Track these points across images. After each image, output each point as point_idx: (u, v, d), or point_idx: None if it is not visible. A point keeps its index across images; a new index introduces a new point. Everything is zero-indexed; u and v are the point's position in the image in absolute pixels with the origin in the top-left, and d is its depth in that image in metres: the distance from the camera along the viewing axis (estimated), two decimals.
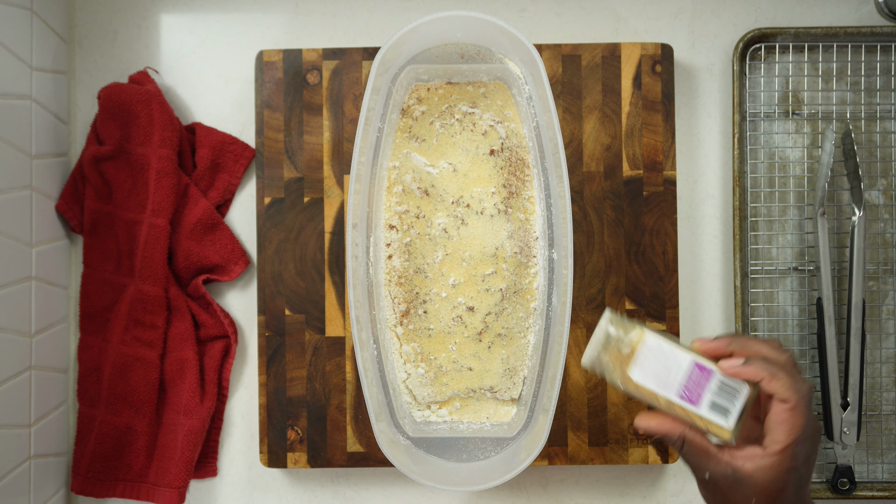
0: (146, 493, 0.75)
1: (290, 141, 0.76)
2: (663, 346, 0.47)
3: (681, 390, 0.47)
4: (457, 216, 0.73)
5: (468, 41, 0.71)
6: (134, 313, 0.75)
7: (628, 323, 0.49)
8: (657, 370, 0.47)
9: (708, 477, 0.49)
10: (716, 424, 0.47)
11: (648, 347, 0.47)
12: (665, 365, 0.47)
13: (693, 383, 0.47)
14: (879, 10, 0.77)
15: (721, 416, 0.47)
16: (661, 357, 0.47)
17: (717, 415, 0.47)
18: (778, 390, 0.46)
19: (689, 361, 0.47)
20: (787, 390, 0.46)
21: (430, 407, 0.74)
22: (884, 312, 0.77)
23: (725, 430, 0.47)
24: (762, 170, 0.77)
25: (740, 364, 0.47)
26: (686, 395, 0.47)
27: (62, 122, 0.77)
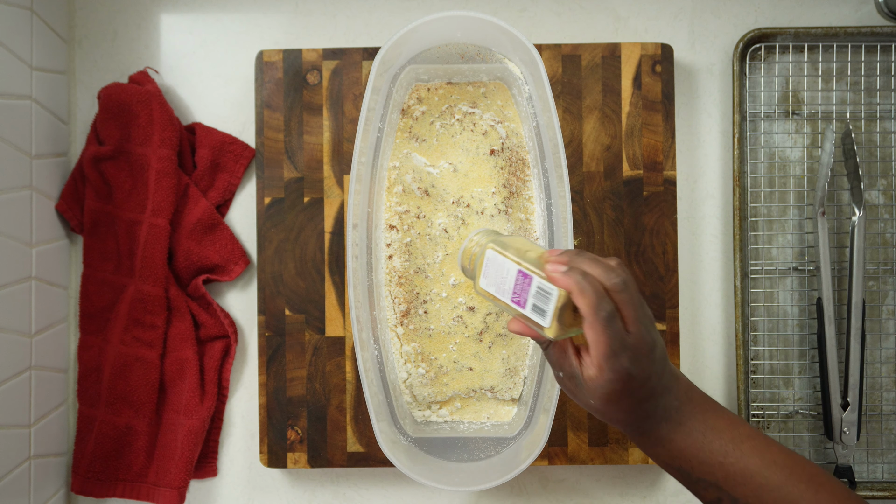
0: (146, 493, 0.75)
1: (290, 141, 0.76)
2: (498, 258, 0.53)
3: (512, 294, 0.52)
4: (457, 216, 0.73)
5: (468, 41, 0.71)
6: (134, 313, 0.75)
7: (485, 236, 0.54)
8: (496, 279, 0.53)
9: (561, 376, 0.53)
10: (537, 323, 0.52)
11: (488, 259, 0.53)
12: (500, 274, 0.52)
13: (520, 288, 0.52)
14: (879, 10, 0.77)
15: (540, 316, 0.51)
16: (497, 267, 0.52)
17: (537, 315, 0.51)
18: (580, 306, 0.49)
19: (515, 270, 0.52)
20: (586, 307, 0.49)
21: (431, 407, 0.74)
22: (884, 312, 0.77)
23: (544, 328, 0.51)
24: (762, 170, 0.77)
25: (558, 271, 0.51)
26: (516, 299, 0.52)
27: (62, 122, 0.77)
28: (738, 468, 0.51)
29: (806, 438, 0.77)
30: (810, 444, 0.77)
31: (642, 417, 0.52)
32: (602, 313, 0.49)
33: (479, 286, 0.54)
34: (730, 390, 0.78)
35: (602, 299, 0.49)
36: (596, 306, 0.49)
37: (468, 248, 0.56)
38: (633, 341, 0.50)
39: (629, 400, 0.51)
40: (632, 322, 0.50)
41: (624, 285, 0.50)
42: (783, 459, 0.52)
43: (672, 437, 0.53)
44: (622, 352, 0.49)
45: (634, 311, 0.50)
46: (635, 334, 0.50)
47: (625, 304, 0.50)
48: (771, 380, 0.77)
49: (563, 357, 0.53)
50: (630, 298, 0.50)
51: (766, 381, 0.77)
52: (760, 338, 0.77)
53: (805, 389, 0.77)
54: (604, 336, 0.49)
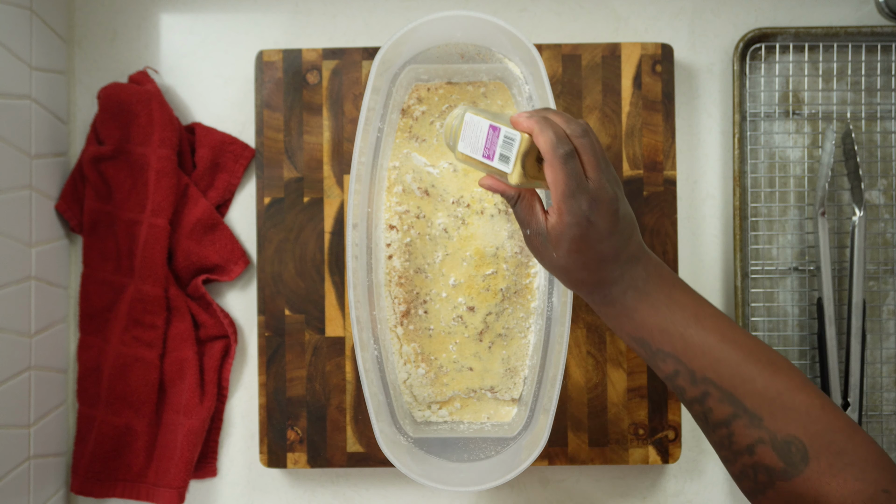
0: (146, 493, 0.75)
1: (290, 141, 0.76)
2: (473, 119, 0.55)
3: (483, 150, 0.54)
4: (457, 216, 0.73)
5: (468, 41, 0.71)
6: (134, 313, 0.75)
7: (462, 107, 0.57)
8: (471, 139, 0.55)
9: (528, 233, 0.55)
10: (501, 171, 0.54)
11: (466, 122, 0.55)
12: (475, 133, 0.55)
13: (489, 142, 0.54)
14: (880, 10, 0.77)
15: (504, 164, 0.53)
16: (473, 128, 0.55)
17: (502, 163, 0.53)
18: (540, 145, 0.51)
19: (487, 125, 0.54)
20: (545, 145, 0.51)
21: (431, 407, 0.74)
22: (884, 312, 0.77)
23: (507, 174, 0.53)
24: (762, 170, 0.77)
25: (522, 116, 0.53)
26: (486, 153, 0.54)
27: (62, 122, 0.77)
28: (697, 341, 0.52)
29: None
30: None
31: (608, 282, 0.53)
32: (560, 151, 0.50)
33: (458, 151, 0.56)
34: None
35: (561, 139, 0.51)
36: (554, 144, 0.50)
37: (449, 122, 0.58)
38: (593, 186, 0.51)
39: (590, 253, 0.52)
40: (591, 168, 0.52)
41: (583, 131, 0.52)
42: (744, 340, 0.52)
43: (636, 307, 0.53)
44: (580, 193, 0.51)
45: (594, 158, 0.52)
46: (595, 180, 0.51)
47: (584, 150, 0.52)
48: None
49: (530, 213, 0.54)
50: (590, 145, 0.52)
51: None
52: (761, 338, 0.77)
53: None
54: (561, 173, 0.50)
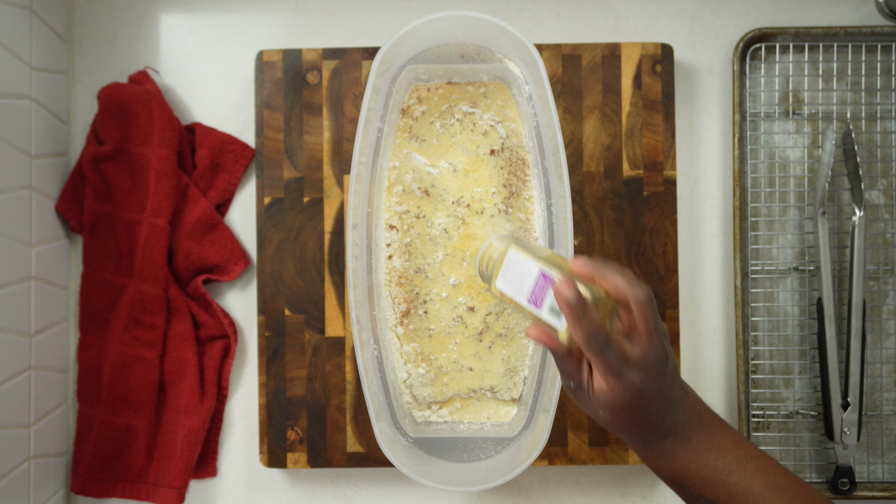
0: (146, 493, 0.75)
1: (290, 141, 0.76)
2: (520, 258, 0.53)
3: (529, 295, 0.52)
4: (457, 216, 0.73)
5: (468, 41, 0.71)
6: (134, 313, 0.75)
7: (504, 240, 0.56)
8: (514, 279, 0.53)
9: (572, 385, 0.54)
10: (551, 325, 0.52)
11: (509, 259, 0.53)
12: (520, 274, 0.53)
13: (538, 289, 0.52)
14: (879, 10, 0.77)
15: (555, 318, 0.52)
16: (518, 267, 0.53)
17: (553, 317, 0.52)
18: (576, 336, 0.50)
19: (537, 270, 0.52)
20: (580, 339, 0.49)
21: (431, 407, 0.74)
22: (884, 312, 0.77)
23: (559, 330, 0.52)
24: (762, 170, 0.77)
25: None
26: (532, 300, 0.52)
27: (62, 122, 0.77)
28: (741, 488, 0.51)
29: (806, 438, 0.77)
30: (810, 444, 0.77)
31: (648, 430, 0.52)
32: (594, 345, 0.49)
33: (495, 286, 0.54)
34: (730, 390, 0.78)
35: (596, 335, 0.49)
36: (588, 339, 0.49)
37: (487, 251, 0.57)
38: (641, 354, 0.50)
39: (639, 412, 0.51)
40: (644, 337, 0.50)
41: (648, 300, 0.50)
42: (787, 483, 0.51)
43: (676, 452, 0.53)
44: (626, 369, 0.50)
45: (653, 326, 0.51)
46: (645, 348, 0.50)
47: (644, 319, 0.50)
48: (771, 380, 0.77)
49: (577, 370, 0.53)
50: (651, 314, 0.50)
51: (766, 381, 0.77)
52: (761, 338, 0.77)
53: (805, 389, 0.77)
54: (600, 361, 0.50)
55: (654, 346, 0.51)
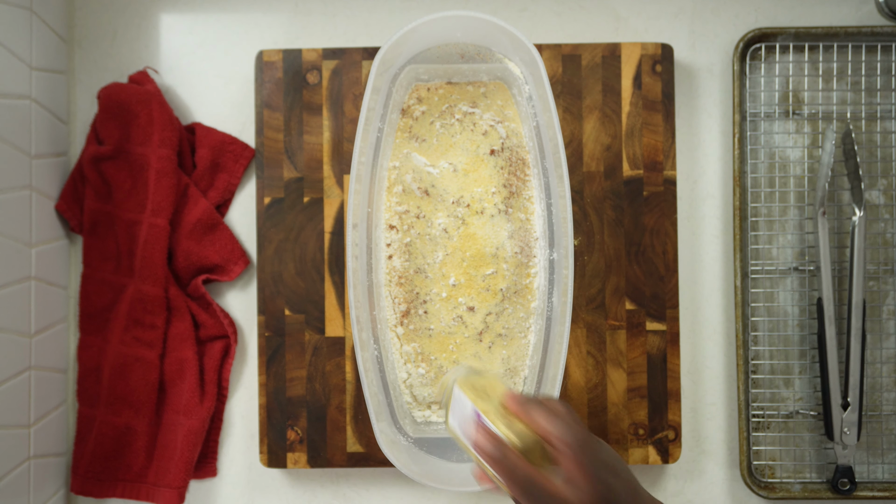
0: (146, 493, 0.75)
1: (290, 141, 0.76)
2: (461, 396, 0.51)
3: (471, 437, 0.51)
4: (457, 216, 0.73)
5: (468, 41, 0.71)
6: (134, 313, 0.75)
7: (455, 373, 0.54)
8: (460, 418, 0.51)
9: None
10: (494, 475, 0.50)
11: (455, 397, 0.52)
12: (462, 412, 0.51)
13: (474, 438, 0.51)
14: (879, 10, 0.77)
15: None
16: (460, 405, 0.51)
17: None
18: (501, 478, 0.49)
19: (472, 410, 0.51)
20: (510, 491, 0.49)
21: (431, 407, 0.74)
22: (884, 312, 0.77)
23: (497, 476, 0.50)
24: (762, 170, 0.77)
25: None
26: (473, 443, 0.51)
27: (62, 122, 0.77)
28: None
29: (806, 438, 0.77)
30: (810, 445, 0.77)
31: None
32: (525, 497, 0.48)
33: (449, 424, 0.53)
34: (730, 390, 0.78)
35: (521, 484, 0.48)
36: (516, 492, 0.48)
37: (445, 380, 0.56)
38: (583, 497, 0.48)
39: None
40: (581, 481, 0.49)
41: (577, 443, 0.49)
42: None
43: None
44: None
45: (585, 471, 0.49)
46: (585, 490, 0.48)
47: (575, 464, 0.49)
48: (771, 380, 0.77)
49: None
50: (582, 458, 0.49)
51: (766, 381, 0.77)
52: (760, 338, 0.77)
53: (805, 389, 0.77)
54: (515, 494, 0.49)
55: (595, 488, 0.49)
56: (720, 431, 0.78)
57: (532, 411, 0.51)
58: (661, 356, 0.75)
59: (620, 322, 0.75)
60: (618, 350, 0.75)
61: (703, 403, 0.78)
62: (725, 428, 0.78)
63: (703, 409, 0.78)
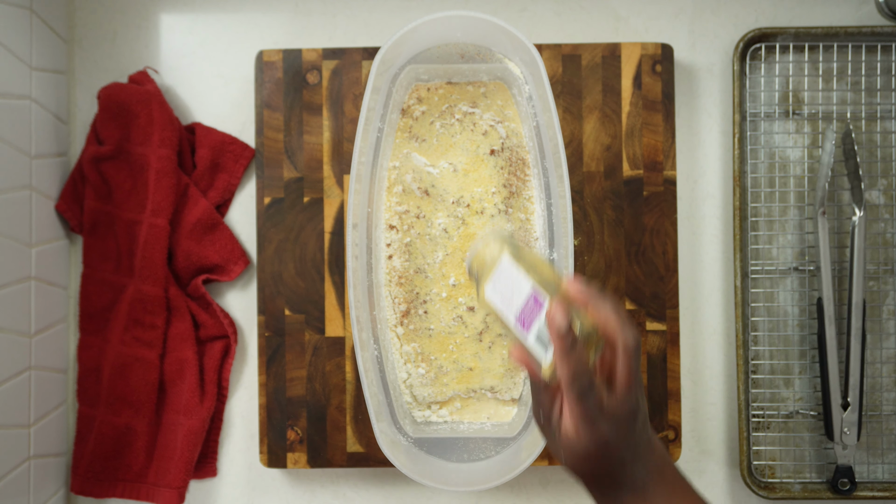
0: (146, 493, 0.75)
1: (290, 141, 0.76)
2: (513, 270, 0.48)
3: (518, 314, 0.48)
4: (457, 216, 0.73)
5: (468, 41, 0.71)
6: (134, 313, 0.75)
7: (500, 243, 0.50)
8: (504, 291, 0.48)
9: (541, 414, 0.51)
10: (535, 357, 0.48)
11: (502, 268, 0.48)
12: (511, 288, 0.48)
13: (528, 311, 0.48)
14: (879, 10, 0.77)
15: (541, 349, 0.48)
16: (510, 280, 0.48)
17: (539, 346, 0.48)
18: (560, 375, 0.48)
19: (530, 289, 0.48)
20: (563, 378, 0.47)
21: (431, 407, 0.74)
22: (884, 312, 0.77)
23: (543, 364, 0.48)
24: (762, 170, 0.77)
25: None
26: (521, 320, 0.48)
27: (62, 122, 0.77)
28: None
29: (806, 438, 0.77)
30: (810, 445, 0.77)
31: (608, 483, 0.51)
32: (576, 387, 0.47)
33: (485, 294, 0.50)
34: (730, 390, 0.78)
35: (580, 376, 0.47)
36: (571, 380, 0.47)
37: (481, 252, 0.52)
38: (616, 406, 0.49)
39: (601, 464, 0.50)
40: (622, 386, 0.49)
41: (636, 346, 0.49)
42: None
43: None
44: (600, 419, 0.48)
45: (630, 377, 0.49)
46: (621, 399, 0.49)
47: (628, 367, 0.49)
48: (771, 380, 0.77)
49: (550, 404, 0.51)
50: (636, 363, 0.49)
51: (766, 381, 0.77)
52: (760, 338, 0.77)
53: (805, 389, 0.77)
54: (578, 407, 0.48)
55: (630, 399, 0.49)
56: (720, 431, 0.78)
57: (599, 304, 0.49)
58: (661, 356, 0.75)
59: None
60: None
61: (703, 403, 0.78)
62: (725, 428, 0.78)
63: (703, 409, 0.78)
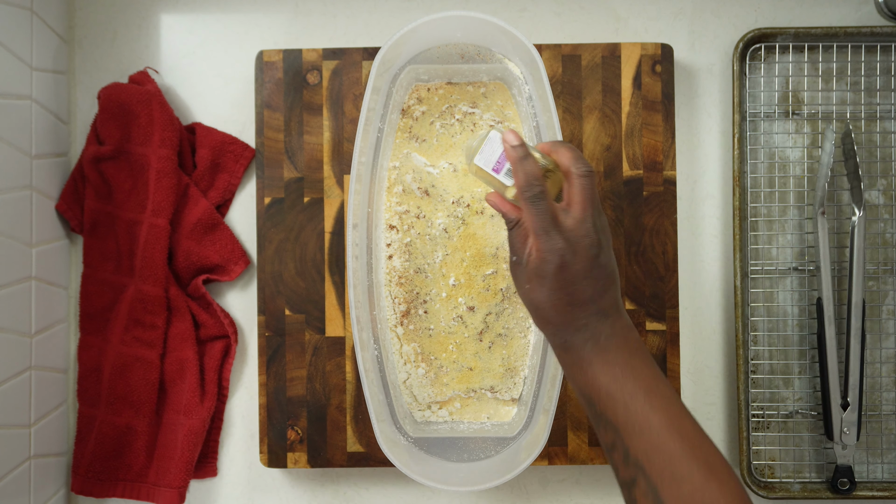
0: (146, 493, 0.75)
1: (290, 141, 0.76)
2: (495, 136, 0.59)
3: (495, 164, 0.59)
4: (457, 216, 0.73)
5: (468, 41, 0.71)
6: (134, 313, 0.75)
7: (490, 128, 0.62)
8: (488, 154, 0.59)
9: (514, 259, 0.56)
10: (504, 185, 0.59)
11: (490, 139, 0.59)
12: (493, 149, 0.59)
13: (502, 158, 0.59)
14: (879, 10, 0.77)
15: (508, 178, 0.59)
16: (492, 144, 0.59)
17: (507, 177, 0.59)
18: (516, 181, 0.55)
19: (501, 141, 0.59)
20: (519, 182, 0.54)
21: (431, 407, 0.74)
22: (884, 312, 0.77)
23: (508, 188, 0.59)
24: (762, 170, 0.77)
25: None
26: (496, 167, 0.59)
27: (62, 122, 0.77)
28: (640, 417, 0.49)
29: (806, 438, 0.77)
30: (810, 444, 0.77)
31: (572, 328, 0.52)
32: (528, 192, 0.53)
33: (473, 163, 0.60)
34: (730, 390, 0.78)
35: (532, 180, 0.53)
36: (525, 184, 0.53)
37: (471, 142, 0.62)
38: (572, 225, 0.53)
39: (561, 293, 0.52)
40: (578, 208, 0.53)
41: (587, 173, 0.54)
42: (690, 433, 0.49)
43: (592, 360, 0.52)
44: (554, 232, 0.52)
45: (584, 199, 0.53)
46: (577, 219, 0.53)
47: (581, 191, 0.53)
48: (771, 380, 0.77)
49: (522, 242, 0.55)
50: (587, 186, 0.54)
51: (766, 381, 0.77)
52: (760, 338, 0.77)
53: (805, 389, 0.77)
54: (529, 212, 0.53)
55: (585, 221, 0.53)
56: (720, 431, 0.78)
57: (557, 146, 0.56)
58: (660, 356, 0.75)
59: None
60: None
61: (703, 403, 0.78)
62: (725, 428, 0.78)
63: (703, 409, 0.78)
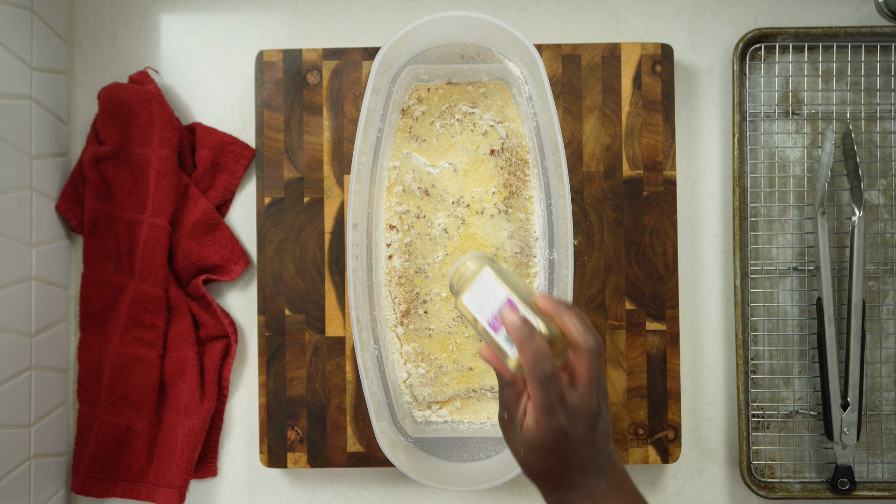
0: (146, 493, 0.75)
1: (290, 141, 0.76)
2: (491, 280, 0.54)
3: (491, 318, 0.53)
4: (457, 216, 0.73)
5: (468, 41, 0.71)
6: (134, 313, 0.75)
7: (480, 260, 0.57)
8: (481, 298, 0.54)
9: (505, 417, 0.54)
10: (504, 352, 0.53)
11: (481, 278, 0.54)
12: (487, 295, 0.54)
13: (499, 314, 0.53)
14: (879, 10, 0.77)
15: (510, 345, 0.52)
16: (487, 288, 0.54)
17: (507, 343, 0.53)
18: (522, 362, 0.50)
19: (504, 296, 0.53)
20: (526, 363, 0.50)
21: (431, 407, 0.74)
22: (884, 312, 0.77)
23: (511, 358, 0.52)
24: (762, 170, 0.77)
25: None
26: (492, 323, 0.53)
27: (62, 122, 0.77)
28: None
29: (806, 438, 0.77)
30: (810, 444, 0.77)
31: (566, 487, 0.52)
32: (538, 373, 0.49)
33: (461, 301, 0.55)
34: (730, 390, 0.78)
35: (541, 362, 0.49)
36: (533, 365, 0.49)
37: (460, 268, 0.58)
38: (577, 401, 0.50)
39: (558, 461, 0.51)
40: (584, 384, 0.50)
41: (597, 349, 0.51)
42: None
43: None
44: (560, 410, 0.50)
45: (591, 375, 0.50)
46: (582, 395, 0.50)
47: (588, 367, 0.50)
48: (771, 380, 0.77)
49: (515, 402, 0.53)
50: (594, 363, 0.51)
51: (766, 381, 0.77)
52: (760, 338, 0.77)
53: (805, 389, 0.77)
54: (537, 392, 0.49)
55: (590, 398, 0.50)
56: (720, 431, 0.78)
57: (563, 312, 0.52)
58: (660, 356, 0.75)
59: (620, 322, 0.75)
60: (617, 350, 0.75)
61: (703, 403, 0.78)
62: (725, 428, 0.78)
63: (703, 409, 0.78)
